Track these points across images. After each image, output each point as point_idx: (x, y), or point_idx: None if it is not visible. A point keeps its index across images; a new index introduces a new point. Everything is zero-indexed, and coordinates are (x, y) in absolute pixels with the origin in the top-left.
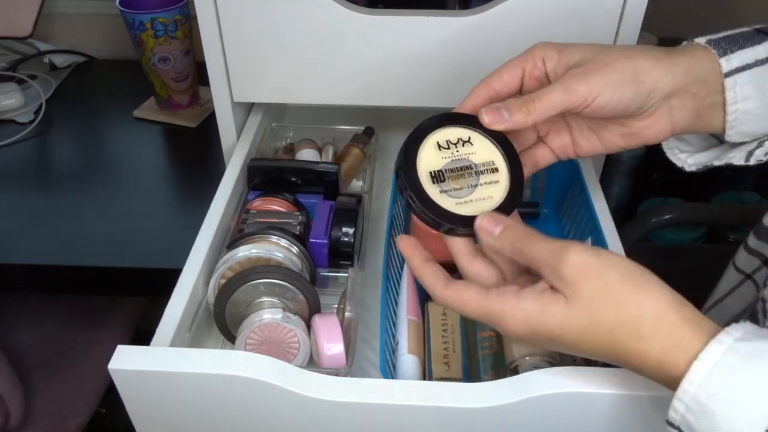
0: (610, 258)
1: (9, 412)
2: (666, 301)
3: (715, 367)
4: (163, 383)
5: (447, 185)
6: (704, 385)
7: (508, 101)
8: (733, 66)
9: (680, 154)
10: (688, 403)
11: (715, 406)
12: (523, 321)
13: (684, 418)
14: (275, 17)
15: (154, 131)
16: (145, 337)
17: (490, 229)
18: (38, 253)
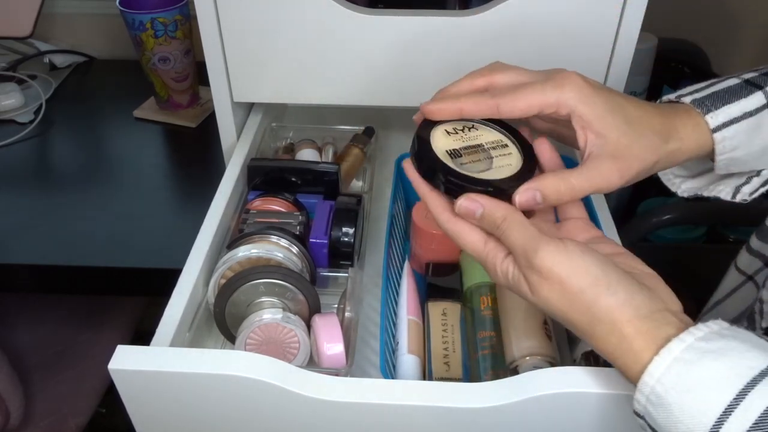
0: (580, 261)
1: (9, 412)
2: (623, 315)
3: (673, 363)
4: (163, 383)
5: (464, 160)
6: (662, 378)
7: (544, 183)
8: (720, 121)
9: (675, 179)
10: (648, 395)
11: (671, 398)
12: (502, 278)
13: (646, 408)
14: (275, 17)
15: (154, 131)
16: (145, 337)
17: (472, 212)
18: (38, 253)
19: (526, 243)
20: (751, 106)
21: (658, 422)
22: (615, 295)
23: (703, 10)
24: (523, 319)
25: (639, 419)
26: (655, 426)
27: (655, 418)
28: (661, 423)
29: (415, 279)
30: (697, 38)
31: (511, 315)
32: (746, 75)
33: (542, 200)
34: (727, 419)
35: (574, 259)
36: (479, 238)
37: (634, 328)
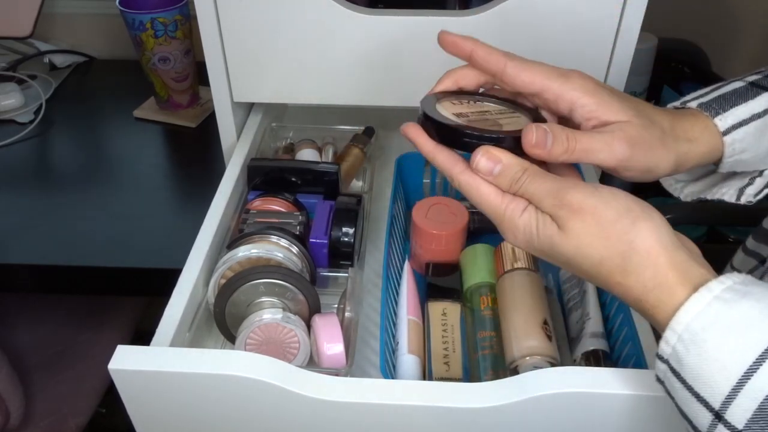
0: (610, 195)
1: (9, 412)
2: (659, 241)
3: (713, 301)
4: (163, 383)
5: (473, 122)
6: (699, 316)
7: (555, 129)
8: (729, 123)
9: (676, 184)
10: (681, 333)
11: (708, 335)
12: (522, 232)
13: (674, 349)
14: (275, 17)
15: (154, 131)
16: (145, 337)
17: (489, 169)
18: (38, 253)
19: (553, 186)
20: (759, 108)
21: (686, 362)
22: (651, 219)
23: (703, 10)
24: (523, 319)
25: (661, 364)
26: (680, 368)
27: (683, 358)
28: (691, 363)
29: (415, 279)
30: (697, 38)
31: (511, 315)
32: (750, 78)
33: (551, 143)
34: (767, 359)
35: (605, 194)
36: (495, 190)
37: (669, 257)
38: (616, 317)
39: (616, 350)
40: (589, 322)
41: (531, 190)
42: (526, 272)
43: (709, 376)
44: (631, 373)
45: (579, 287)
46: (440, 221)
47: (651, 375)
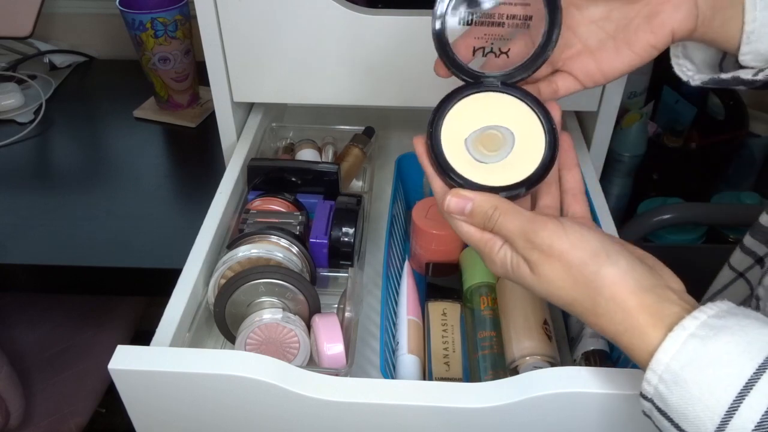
0: (578, 237)
1: (9, 412)
2: (625, 287)
3: (689, 339)
4: (163, 383)
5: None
6: (678, 355)
7: None
8: None
9: (688, 71)
10: (662, 374)
11: (687, 375)
12: (500, 266)
13: (656, 389)
14: (275, 17)
15: (154, 131)
16: (145, 337)
17: (461, 208)
18: (38, 253)
19: (525, 225)
20: None
21: (670, 402)
22: (616, 265)
23: None
24: (523, 319)
25: (645, 402)
26: (666, 407)
27: (666, 398)
28: (674, 403)
29: (415, 279)
30: None
31: (511, 315)
32: None
33: None
34: (748, 393)
35: (574, 233)
36: (474, 228)
37: (638, 301)
38: None
39: (616, 350)
40: None
41: (503, 230)
42: None
43: (694, 415)
44: (630, 373)
45: None
46: (440, 221)
47: None
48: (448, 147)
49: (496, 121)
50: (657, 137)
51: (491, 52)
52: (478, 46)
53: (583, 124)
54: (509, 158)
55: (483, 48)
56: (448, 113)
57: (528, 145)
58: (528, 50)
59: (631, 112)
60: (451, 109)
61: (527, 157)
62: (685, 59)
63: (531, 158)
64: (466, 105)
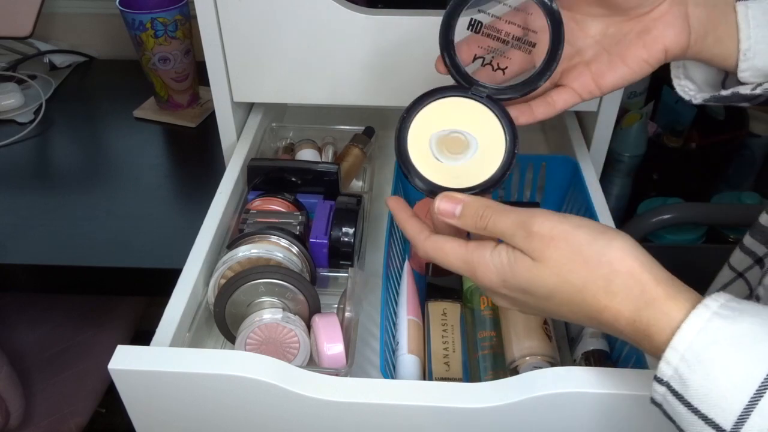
0: (579, 220)
1: (9, 412)
2: (637, 259)
3: (713, 317)
4: (163, 383)
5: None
6: (701, 334)
7: None
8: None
9: (690, 91)
10: (684, 352)
11: (713, 353)
12: (495, 273)
13: (677, 370)
14: (275, 17)
15: (154, 131)
16: (145, 337)
17: (451, 210)
18: (38, 253)
19: (520, 217)
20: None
21: (692, 383)
22: (625, 239)
23: None
24: (523, 319)
25: (659, 386)
26: (684, 390)
27: (687, 379)
28: (696, 384)
29: (415, 279)
30: None
31: (511, 315)
32: None
33: None
34: None
35: (571, 217)
36: (459, 243)
37: (653, 276)
38: None
39: (616, 350)
40: None
41: (499, 226)
42: None
43: (717, 396)
44: (631, 373)
45: None
46: None
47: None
48: (413, 144)
49: (460, 125)
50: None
51: (489, 64)
52: (479, 55)
53: (583, 124)
54: (468, 163)
55: (483, 58)
56: (421, 111)
57: (487, 155)
58: (524, 74)
59: (631, 112)
60: (425, 107)
61: (485, 165)
62: (687, 80)
63: (489, 165)
64: (440, 106)
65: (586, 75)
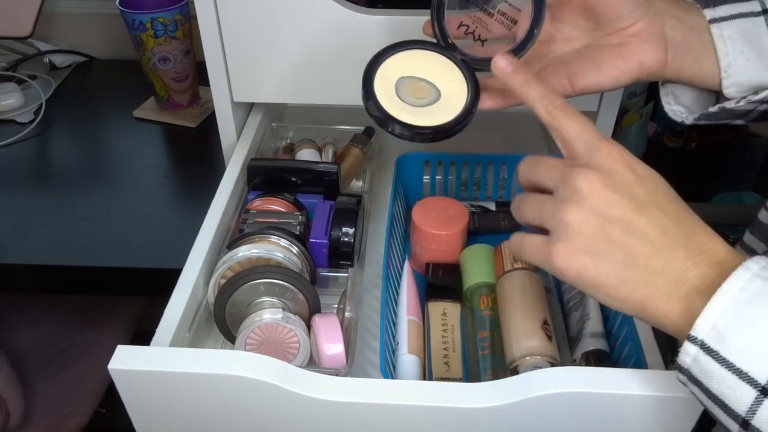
0: None
1: (9, 412)
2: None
3: (754, 277)
4: (163, 383)
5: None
6: (744, 291)
7: None
8: (717, 15)
9: (681, 114)
10: (725, 308)
11: (755, 309)
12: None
13: (715, 326)
14: (275, 17)
15: (154, 131)
16: (145, 337)
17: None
18: (38, 253)
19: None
20: (747, 9)
21: (730, 338)
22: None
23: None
24: (523, 319)
25: (692, 346)
26: (720, 346)
27: (725, 333)
28: (736, 338)
29: (415, 279)
30: None
31: (511, 315)
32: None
33: None
34: None
35: None
36: None
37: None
38: (616, 317)
39: (616, 350)
40: (589, 322)
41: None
42: (526, 272)
43: (757, 349)
44: (630, 373)
45: None
46: (440, 221)
47: (651, 375)
48: (381, 77)
49: (429, 76)
50: (657, 137)
51: (471, 34)
52: (464, 23)
53: None
54: (426, 109)
55: (467, 26)
56: (400, 53)
57: (447, 109)
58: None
59: (631, 112)
60: (404, 51)
61: (441, 115)
62: (678, 105)
63: (445, 116)
64: (418, 55)
65: (561, 74)
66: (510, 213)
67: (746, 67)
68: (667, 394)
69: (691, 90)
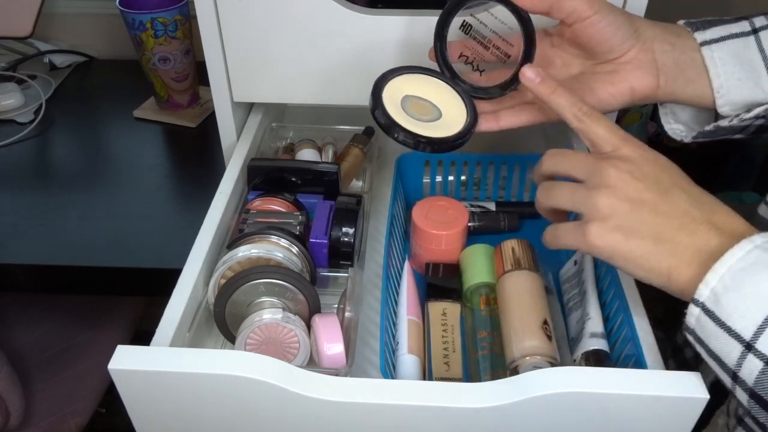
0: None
1: (9, 412)
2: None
3: (754, 249)
4: (163, 383)
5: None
6: (742, 261)
7: None
8: (707, 38)
9: (681, 132)
10: (723, 274)
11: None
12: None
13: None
14: (275, 17)
15: (154, 131)
16: (145, 337)
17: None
18: (38, 253)
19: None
20: (737, 30)
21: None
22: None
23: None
24: (523, 319)
25: (695, 307)
26: (716, 307)
27: (720, 296)
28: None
29: (415, 279)
30: None
31: (511, 315)
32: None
33: None
34: None
35: None
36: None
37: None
38: (616, 317)
39: (616, 350)
40: (589, 322)
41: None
42: (526, 272)
43: (744, 309)
44: (631, 373)
45: (579, 287)
46: (440, 221)
47: (651, 375)
48: (389, 91)
49: (432, 98)
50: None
51: (470, 64)
52: (464, 54)
53: None
54: (428, 124)
55: (467, 57)
56: (407, 75)
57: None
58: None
59: (631, 112)
60: (411, 74)
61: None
62: (677, 123)
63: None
64: (423, 79)
65: None
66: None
67: (738, 87)
68: (667, 394)
69: (689, 108)
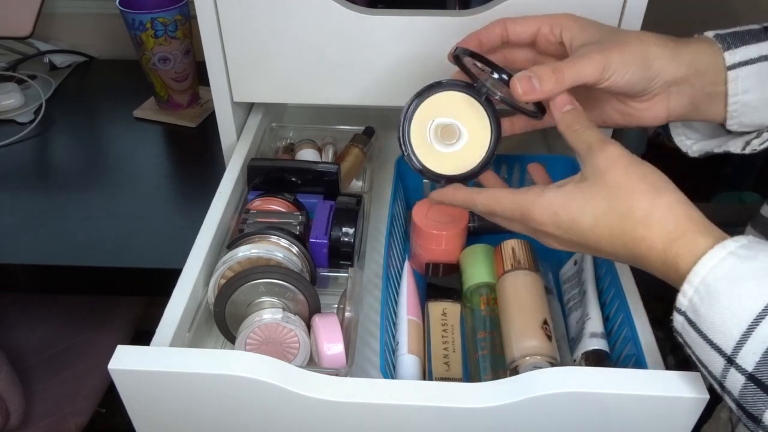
0: (640, 160)
1: (9, 412)
2: (678, 200)
3: (728, 256)
4: (163, 383)
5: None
6: (715, 269)
7: (538, 69)
8: (736, 60)
9: (687, 140)
10: (698, 286)
11: (720, 286)
12: (547, 207)
13: (691, 301)
14: (275, 17)
15: (154, 131)
16: (145, 337)
17: (563, 104)
18: (38, 253)
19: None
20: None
21: (702, 313)
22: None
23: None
24: (523, 319)
25: (679, 315)
26: (696, 319)
27: (698, 308)
28: (705, 313)
29: (415, 279)
30: None
31: (511, 315)
32: (766, 24)
33: (539, 84)
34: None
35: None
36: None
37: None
38: (616, 317)
39: (616, 350)
40: (589, 322)
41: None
42: (526, 272)
43: (721, 323)
44: (631, 373)
45: (579, 287)
46: (440, 221)
47: (651, 375)
48: (416, 125)
49: (458, 118)
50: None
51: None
52: None
53: None
54: (453, 153)
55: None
56: (430, 98)
57: (473, 149)
58: None
59: None
60: (433, 96)
61: (468, 157)
62: (685, 128)
63: (471, 159)
64: (444, 97)
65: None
66: None
67: (753, 112)
68: (667, 394)
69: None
